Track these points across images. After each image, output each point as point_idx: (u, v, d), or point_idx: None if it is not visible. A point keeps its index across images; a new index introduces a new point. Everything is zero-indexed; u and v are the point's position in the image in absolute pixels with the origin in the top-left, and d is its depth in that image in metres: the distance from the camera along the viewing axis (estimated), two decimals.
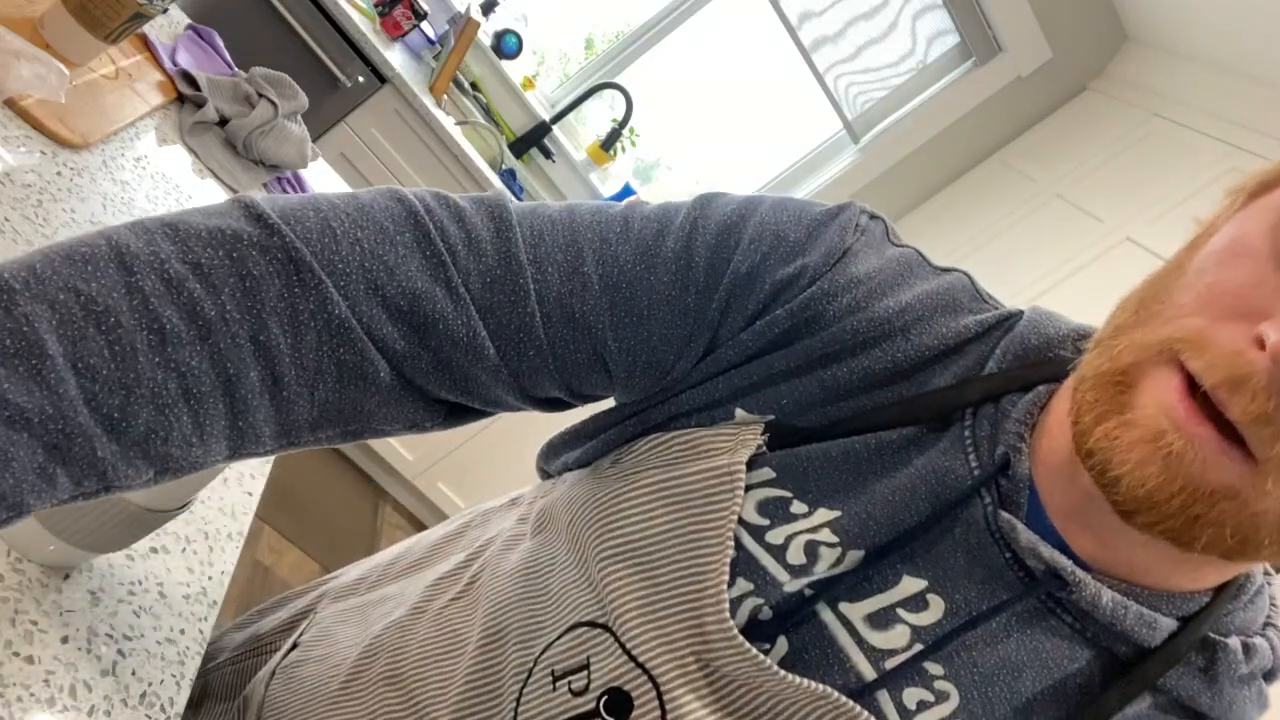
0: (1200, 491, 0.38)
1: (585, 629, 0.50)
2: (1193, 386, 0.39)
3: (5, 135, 0.80)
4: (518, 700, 0.50)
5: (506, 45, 2.89)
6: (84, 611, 0.55)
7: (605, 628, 0.49)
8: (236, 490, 0.77)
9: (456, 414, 0.54)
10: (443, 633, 0.58)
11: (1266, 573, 0.50)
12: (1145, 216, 2.23)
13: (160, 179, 0.99)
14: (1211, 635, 0.46)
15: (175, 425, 0.40)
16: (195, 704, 0.73)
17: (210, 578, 0.66)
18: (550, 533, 0.57)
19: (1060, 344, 0.50)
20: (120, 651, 0.55)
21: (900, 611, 0.46)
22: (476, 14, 2.61)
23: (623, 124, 2.99)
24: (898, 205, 3.05)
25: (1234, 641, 0.46)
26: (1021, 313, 0.52)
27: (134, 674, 0.55)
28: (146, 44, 1.13)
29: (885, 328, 0.50)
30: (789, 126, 3.24)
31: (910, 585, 0.46)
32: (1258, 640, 0.47)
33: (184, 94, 1.13)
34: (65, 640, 0.53)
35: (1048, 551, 0.45)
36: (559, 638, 0.51)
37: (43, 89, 0.80)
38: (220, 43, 1.30)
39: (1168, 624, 0.45)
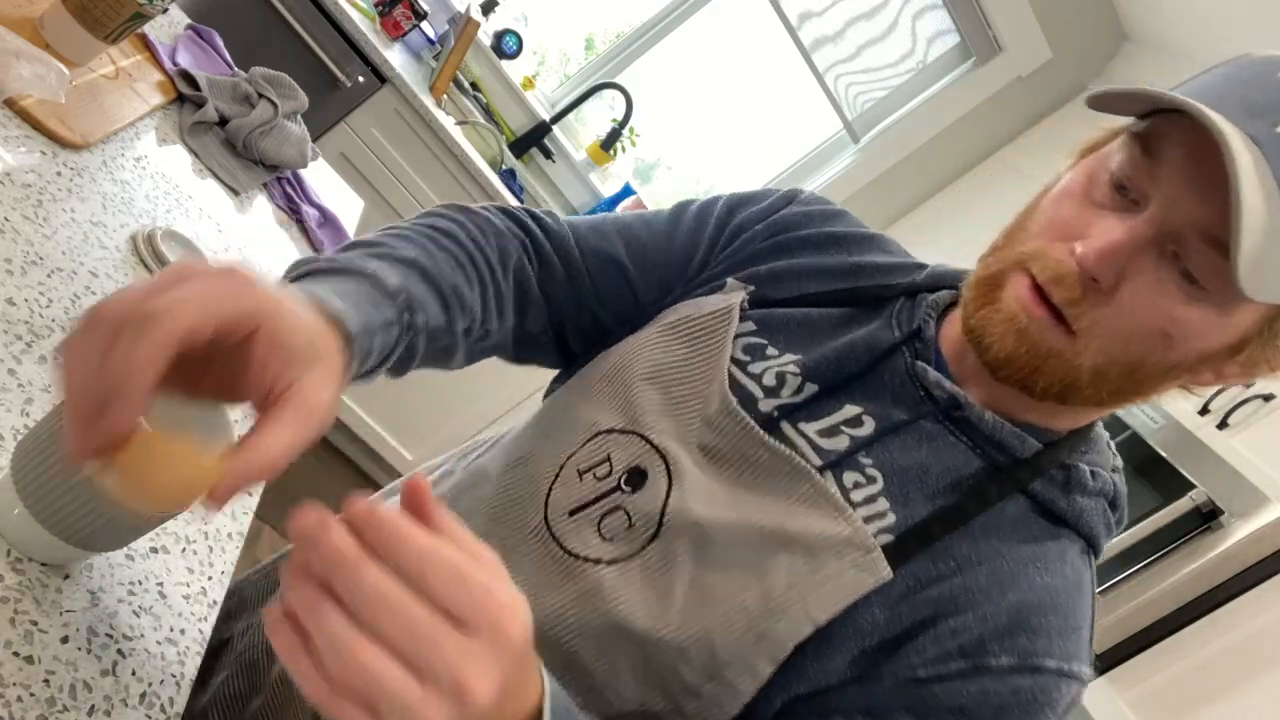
0: (1038, 352, 0.56)
1: (606, 435, 0.66)
2: (1037, 286, 0.56)
3: (5, 135, 0.80)
4: (547, 495, 0.65)
5: (506, 45, 2.89)
6: (84, 611, 0.55)
7: (625, 430, 0.65)
8: None
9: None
10: (469, 474, 0.73)
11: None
12: None
13: (160, 179, 0.99)
14: (1068, 461, 0.62)
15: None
16: (234, 615, 0.80)
17: (210, 578, 0.66)
18: (569, 388, 0.73)
19: (965, 276, 0.65)
20: (120, 651, 0.55)
21: (843, 428, 0.63)
22: (476, 14, 2.61)
23: (623, 124, 2.99)
24: (898, 205, 3.05)
25: (1084, 465, 0.62)
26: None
27: (134, 674, 0.55)
28: (146, 44, 1.13)
29: (833, 239, 0.72)
30: (789, 126, 3.24)
31: (850, 410, 0.63)
32: (1101, 471, 0.63)
33: (184, 94, 1.13)
34: (65, 640, 0.53)
35: (948, 385, 0.62)
36: (581, 447, 0.66)
37: (43, 89, 0.81)
38: (220, 43, 1.30)
39: (1034, 444, 0.61)
